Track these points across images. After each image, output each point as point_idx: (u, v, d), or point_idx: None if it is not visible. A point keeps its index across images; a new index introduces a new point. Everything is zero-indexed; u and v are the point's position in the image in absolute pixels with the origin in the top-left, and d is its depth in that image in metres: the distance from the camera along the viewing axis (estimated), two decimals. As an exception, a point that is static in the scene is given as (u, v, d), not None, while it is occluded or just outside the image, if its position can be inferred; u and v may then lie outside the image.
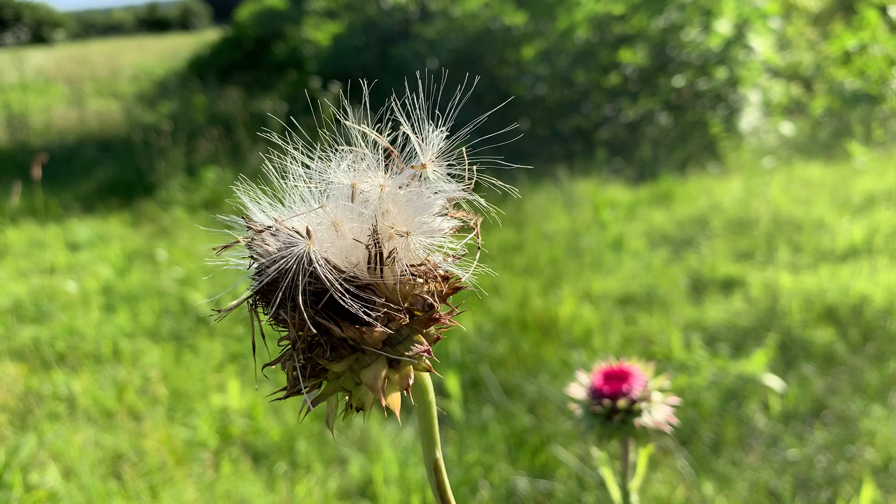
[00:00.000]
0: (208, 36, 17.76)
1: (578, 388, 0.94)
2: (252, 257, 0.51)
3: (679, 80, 7.40)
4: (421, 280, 0.48)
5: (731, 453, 2.55)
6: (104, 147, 8.53)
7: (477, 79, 0.54)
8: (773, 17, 7.46)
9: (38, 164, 3.50)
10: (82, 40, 30.90)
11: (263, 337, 0.53)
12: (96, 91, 12.93)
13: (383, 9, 11.00)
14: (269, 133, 0.55)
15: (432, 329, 0.50)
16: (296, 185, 0.52)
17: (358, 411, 0.49)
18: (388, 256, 0.46)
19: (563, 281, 4.09)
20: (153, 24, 41.12)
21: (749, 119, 7.29)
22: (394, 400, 0.48)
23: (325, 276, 0.45)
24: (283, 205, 0.53)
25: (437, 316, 0.49)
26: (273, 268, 0.47)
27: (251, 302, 0.49)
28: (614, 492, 0.87)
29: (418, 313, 0.49)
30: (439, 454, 0.54)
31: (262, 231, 0.49)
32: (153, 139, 7.33)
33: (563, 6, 8.05)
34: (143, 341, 3.73)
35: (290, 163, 0.54)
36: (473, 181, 0.52)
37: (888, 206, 4.79)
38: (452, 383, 2.97)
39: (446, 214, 0.50)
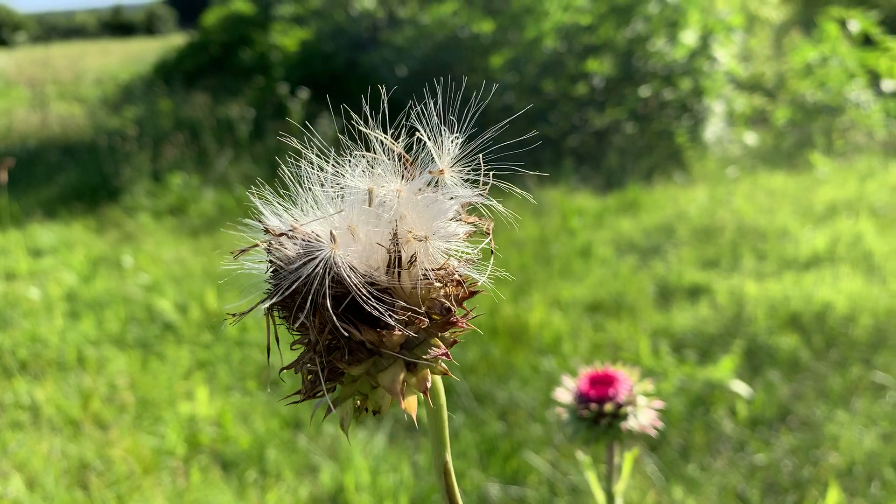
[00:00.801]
0: (174, 40, 17.58)
1: (565, 392, 0.96)
2: (270, 261, 0.51)
3: (645, 91, 7.49)
4: (438, 284, 0.48)
5: (700, 458, 2.58)
6: (68, 151, 8.40)
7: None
8: (736, 29, 7.59)
9: (5, 169, 3.43)
10: (44, 43, 30.39)
11: (278, 341, 0.53)
12: (59, 94, 12.72)
13: (352, 15, 11.00)
14: (289, 138, 0.55)
15: (447, 333, 0.50)
16: (309, 190, 0.52)
17: (375, 414, 0.49)
18: (410, 260, 0.46)
19: (533, 288, 4.12)
20: (117, 27, 40.56)
21: (713, 129, 7.40)
22: (411, 402, 0.49)
23: (350, 281, 0.45)
24: (298, 210, 0.53)
25: (454, 319, 0.49)
26: (295, 272, 0.47)
27: (268, 306, 0.49)
28: (599, 495, 0.88)
29: (435, 317, 0.49)
30: (449, 457, 0.54)
31: (281, 235, 0.49)
32: (118, 144, 7.24)
33: (532, 16, 8.11)
34: (109, 349, 3.68)
35: (304, 167, 0.54)
36: (489, 186, 0.53)
37: (849, 216, 4.89)
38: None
39: (460, 219, 0.51)
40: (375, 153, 0.52)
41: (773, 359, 3.23)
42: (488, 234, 0.52)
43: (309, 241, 0.48)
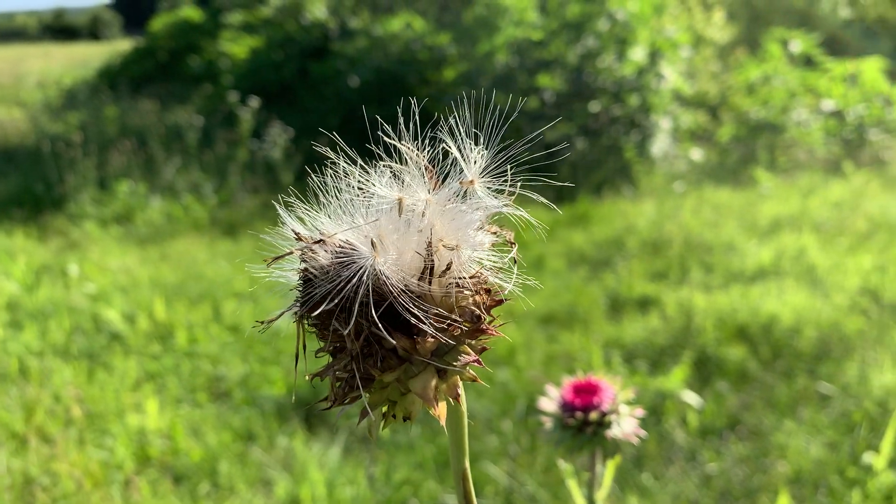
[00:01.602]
0: (120, 46, 17.26)
1: (548, 401, 0.96)
2: (305, 269, 0.50)
3: (595, 106, 7.61)
4: (468, 292, 0.49)
5: (654, 467, 2.62)
6: (8, 157, 8.16)
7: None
8: (683, 46, 7.77)
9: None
10: (-18, 45, 29.52)
11: (305, 349, 0.53)
12: (-2, 99, 12.37)
13: (303, 25, 10.94)
14: (321, 147, 0.55)
15: (475, 340, 0.51)
16: (336, 199, 0.52)
17: (405, 420, 0.49)
18: (444, 269, 0.47)
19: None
20: (59, 31, 39.61)
21: (660, 145, 7.55)
22: (441, 409, 0.49)
23: (390, 288, 0.45)
24: (324, 218, 0.52)
25: (484, 327, 0.50)
26: (332, 279, 0.46)
27: (298, 313, 0.49)
28: (579, 502, 0.89)
29: (465, 325, 0.50)
30: (467, 463, 0.54)
31: (315, 243, 0.48)
32: (62, 150, 7.06)
33: (484, 30, 8.18)
34: (53, 360, 3.57)
35: (330, 177, 0.54)
36: (515, 195, 0.54)
37: (793, 230, 5.04)
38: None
39: (483, 229, 0.51)
40: (401, 164, 0.52)
41: (721, 369, 3.30)
42: (513, 244, 0.53)
43: (342, 250, 0.48)
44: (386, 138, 0.54)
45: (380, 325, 0.45)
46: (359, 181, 0.53)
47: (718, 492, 2.48)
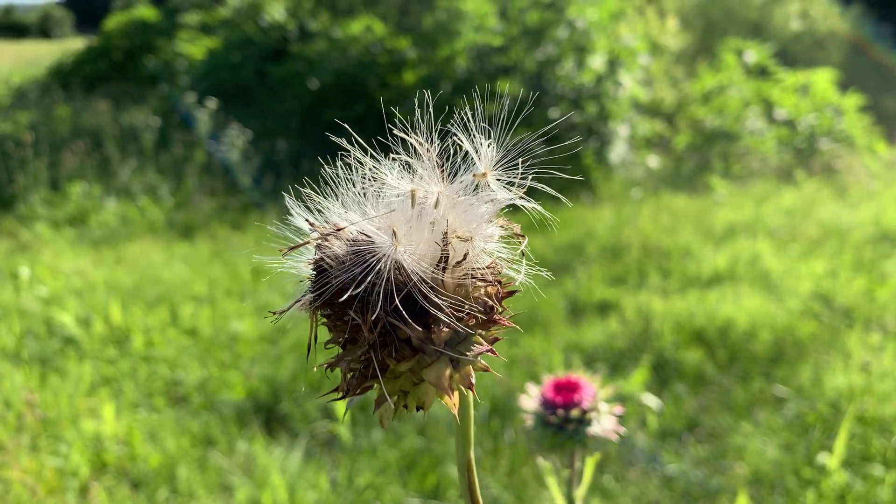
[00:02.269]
0: (72, 44, 16.89)
1: (528, 399, 0.97)
2: (322, 259, 0.50)
3: (554, 112, 7.67)
4: (481, 283, 0.49)
5: (615, 469, 2.65)
6: (-46, 156, 7.94)
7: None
8: (641, 54, 7.88)
9: None
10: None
11: (315, 340, 0.52)
12: (-56, 96, 12.02)
13: (261, 26, 10.85)
14: (338, 137, 0.54)
15: (488, 330, 0.51)
16: (346, 191, 0.52)
17: (418, 410, 0.49)
18: (459, 260, 0.47)
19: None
20: (8, 28, 38.66)
21: (618, 152, 7.64)
22: (455, 398, 0.49)
23: (408, 278, 0.45)
24: (335, 209, 0.52)
25: (496, 318, 0.50)
26: (349, 269, 0.46)
27: (312, 303, 0.48)
28: (559, 501, 0.89)
29: (479, 315, 0.50)
30: (472, 454, 0.54)
31: (332, 233, 0.48)
32: (11, 150, 6.89)
33: (445, 35, 8.20)
34: (3, 364, 3.48)
35: (341, 170, 0.53)
36: (526, 188, 0.54)
37: (747, 237, 5.14)
38: (340, 406, 2.94)
39: (493, 221, 0.51)
40: (413, 157, 0.52)
41: (679, 372, 3.35)
42: (522, 236, 0.53)
43: (357, 240, 0.47)
44: (398, 132, 0.54)
45: (397, 314, 0.45)
46: (370, 173, 0.53)
47: (679, 493, 2.51)
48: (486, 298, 0.50)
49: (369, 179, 0.52)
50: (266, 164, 7.35)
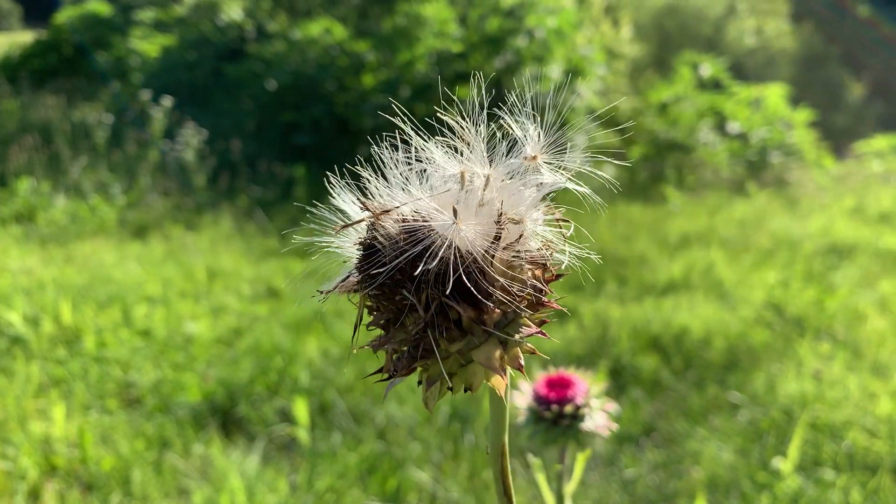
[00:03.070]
0: (20, 37, 16.46)
1: (520, 396, 0.97)
2: (374, 238, 0.48)
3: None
4: (530, 266, 0.48)
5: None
6: None
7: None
8: (598, 65, 7.99)
9: None
10: None
11: (360, 321, 0.51)
12: None
13: (218, 25, 10.71)
14: (378, 114, 0.54)
15: (535, 313, 0.50)
16: (395, 174, 0.51)
17: (466, 391, 0.48)
18: (515, 241, 0.46)
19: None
20: (-49, 19, 37.49)
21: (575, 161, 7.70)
22: (499, 381, 0.48)
23: (464, 258, 0.44)
24: (382, 190, 0.51)
25: (546, 300, 0.49)
26: (403, 248, 0.45)
27: (364, 282, 0.47)
28: (548, 497, 0.89)
29: (527, 297, 0.49)
30: (506, 439, 0.54)
31: (384, 212, 0.47)
32: (-44, 144, 6.69)
33: (404, 40, 8.20)
34: (-53, 364, 3.36)
35: (388, 152, 0.53)
36: (574, 172, 0.54)
37: (701, 246, 5.23)
38: (301, 409, 2.90)
39: (539, 205, 0.51)
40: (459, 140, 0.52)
41: (636, 378, 3.39)
42: (566, 220, 0.53)
43: (407, 220, 0.47)
44: (442, 114, 0.54)
45: (451, 294, 0.45)
46: (417, 155, 0.52)
47: (638, 497, 2.54)
48: (535, 281, 0.50)
49: (413, 162, 0.52)
50: (221, 164, 7.25)
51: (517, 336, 0.49)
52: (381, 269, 0.46)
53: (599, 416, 0.96)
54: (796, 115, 7.86)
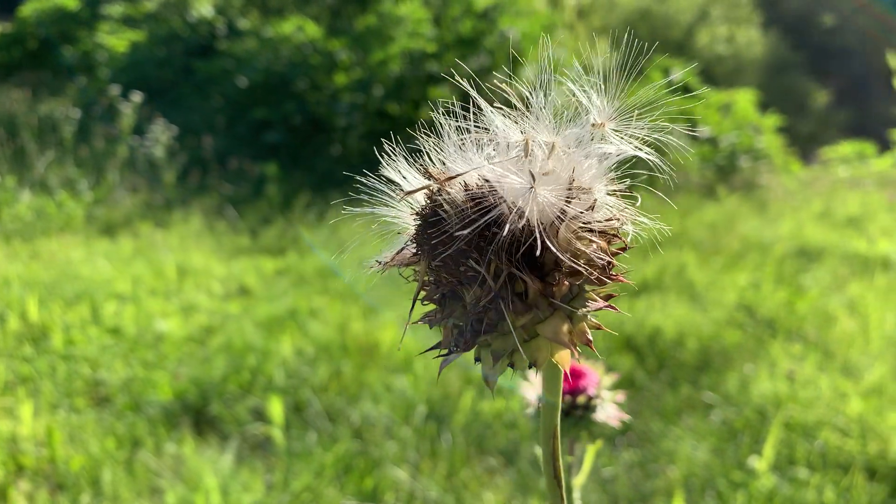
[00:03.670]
0: (-18, 30, 16.11)
1: (530, 388, 0.96)
2: (438, 206, 0.47)
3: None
4: (597, 237, 0.47)
5: (552, 473, 2.66)
6: None
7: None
8: (571, 68, 8.01)
9: None
10: None
11: (417, 297, 0.49)
12: None
13: (189, 22, 10.59)
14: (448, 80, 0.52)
15: (602, 287, 0.49)
16: (453, 142, 0.49)
17: (531, 367, 0.46)
18: (586, 211, 0.45)
19: (383, 306, 4.10)
20: (-89, 11, 36.63)
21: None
22: (563, 356, 0.46)
23: (534, 227, 0.42)
24: (437, 157, 0.49)
25: (613, 274, 0.48)
26: (477, 217, 0.43)
27: (429, 252, 0.45)
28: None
29: (594, 270, 0.48)
30: (559, 421, 0.52)
31: (449, 178, 0.45)
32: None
33: (377, 39, 8.17)
34: None
35: (441, 118, 0.51)
36: (642, 140, 0.53)
37: (673, 248, 5.27)
38: (276, 408, 2.87)
39: (606, 175, 0.50)
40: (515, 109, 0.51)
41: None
42: (632, 192, 0.52)
43: (470, 188, 0.45)
44: (497, 82, 0.52)
45: (519, 265, 0.43)
46: (475, 123, 0.51)
47: (615, 496, 2.54)
48: (601, 253, 0.49)
49: (467, 130, 0.50)
50: (192, 161, 7.16)
51: (583, 310, 0.47)
52: (448, 239, 0.44)
53: (610, 407, 0.95)
54: (765, 121, 7.96)
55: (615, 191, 0.52)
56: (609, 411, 0.94)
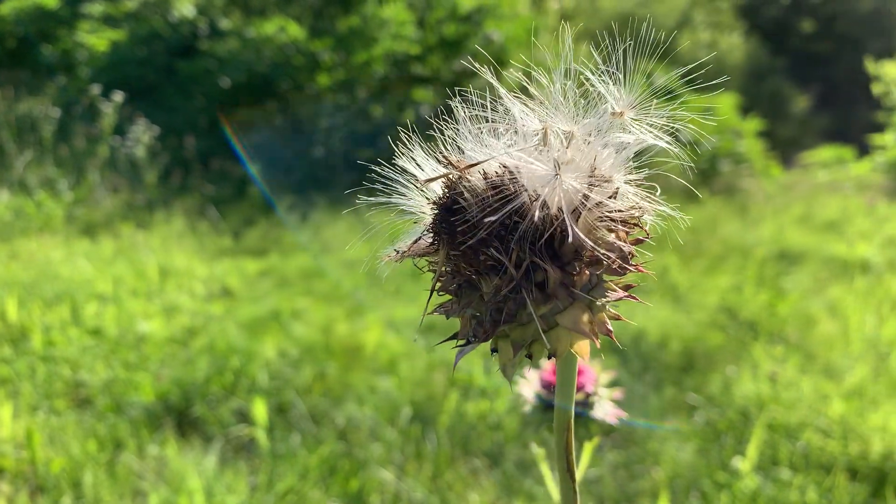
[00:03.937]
0: (-40, 28, 15.90)
1: (526, 385, 0.95)
2: (458, 195, 0.46)
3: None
4: (617, 228, 0.47)
5: (536, 473, 2.66)
6: None
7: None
8: (556, 70, 8.05)
9: None
10: None
11: (435, 287, 0.48)
12: None
13: (170, 21, 10.52)
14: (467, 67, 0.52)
15: (622, 277, 0.48)
16: (472, 131, 0.49)
17: (550, 358, 0.46)
18: (607, 200, 0.44)
19: (367, 308, 4.09)
20: None
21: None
22: (583, 347, 0.46)
23: (556, 216, 0.42)
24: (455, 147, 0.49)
25: (633, 264, 0.48)
26: (499, 205, 0.42)
27: (448, 241, 0.44)
28: (552, 488, 0.88)
29: (614, 259, 0.47)
30: (573, 412, 0.52)
31: (469, 167, 0.45)
32: None
33: (361, 40, 8.16)
34: None
35: (460, 107, 0.51)
36: (661, 130, 0.52)
37: (655, 251, 5.29)
38: (259, 410, 2.85)
39: (625, 165, 0.50)
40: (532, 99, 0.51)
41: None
42: (650, 182, 0.52)
43: (489, 176, 0.44)
44: (514, 71, 0.52)
45: (540, 254, 0.43)
46: (493, 112, 0.50)
47: (600, 497, 2.55)
48: (621, 243, 0.48)
49: (485, 120, 0.50)
50: (174, 162, 7.11)
51: (603, 300, 0.47)
52: (469, 228, 0.44)
53: (608, 404, 0.95)
54: (746, 125, 8.03)
55: (633, 180, 0.52)
56: (606, 409, 0.94)
